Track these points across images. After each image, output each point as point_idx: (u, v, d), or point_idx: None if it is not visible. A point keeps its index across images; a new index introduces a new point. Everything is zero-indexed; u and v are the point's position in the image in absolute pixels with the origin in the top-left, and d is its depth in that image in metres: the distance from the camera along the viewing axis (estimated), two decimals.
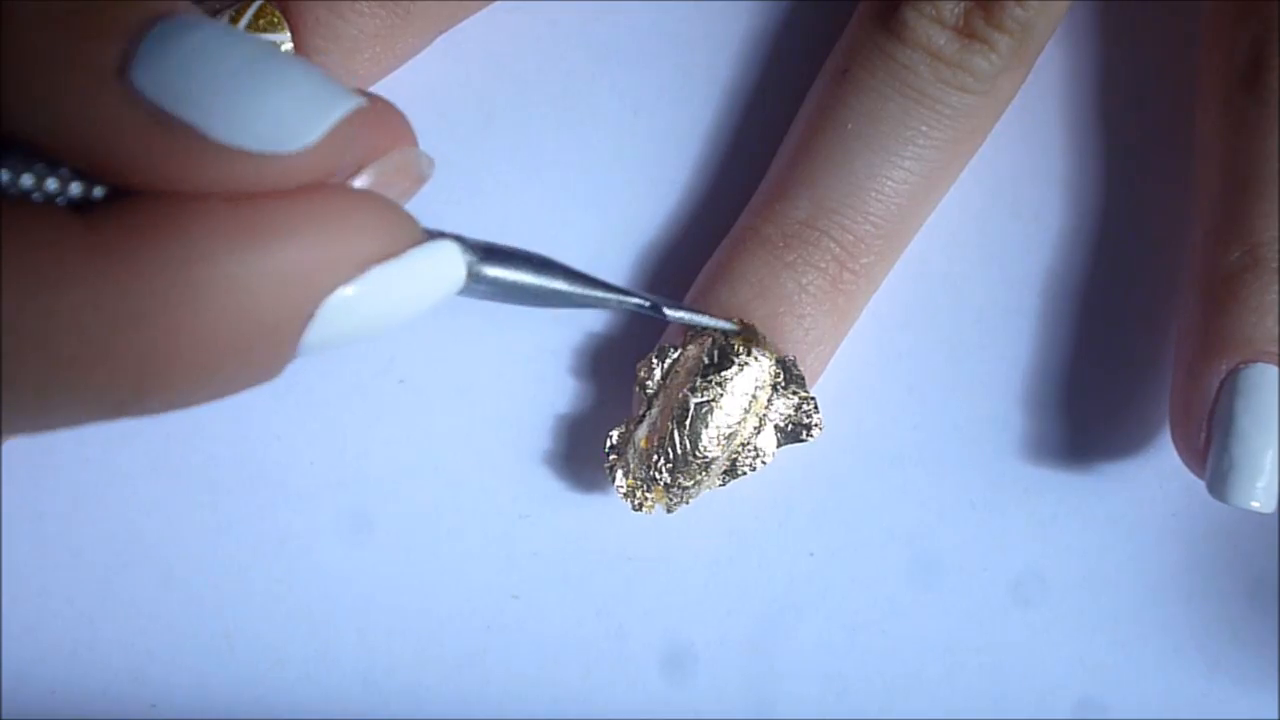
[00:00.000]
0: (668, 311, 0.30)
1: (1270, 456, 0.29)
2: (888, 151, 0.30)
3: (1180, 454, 0.31)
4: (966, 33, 0.30)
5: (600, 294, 0.27)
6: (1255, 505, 0.29)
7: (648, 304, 0.29)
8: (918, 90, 0.30)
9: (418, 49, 0.31)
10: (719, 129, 0.34)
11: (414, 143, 0.23)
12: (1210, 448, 0.30)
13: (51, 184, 0.20)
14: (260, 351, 0.21)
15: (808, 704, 0.34)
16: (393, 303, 0.22)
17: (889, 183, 0.30)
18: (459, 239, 0.24)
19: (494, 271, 0.25)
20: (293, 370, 0.32)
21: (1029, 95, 0.33)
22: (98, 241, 0.19)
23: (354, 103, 0.21)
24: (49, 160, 0.20)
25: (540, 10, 0.33)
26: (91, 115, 0.19)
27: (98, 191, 0.20)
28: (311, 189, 0.21)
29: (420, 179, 0.24)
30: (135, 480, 0.32)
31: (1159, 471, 0.34)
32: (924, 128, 0.30)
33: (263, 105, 0.20)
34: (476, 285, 0.24)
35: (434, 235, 0.24)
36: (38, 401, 0.20)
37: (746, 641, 0.34)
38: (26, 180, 0.20)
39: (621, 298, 0.28)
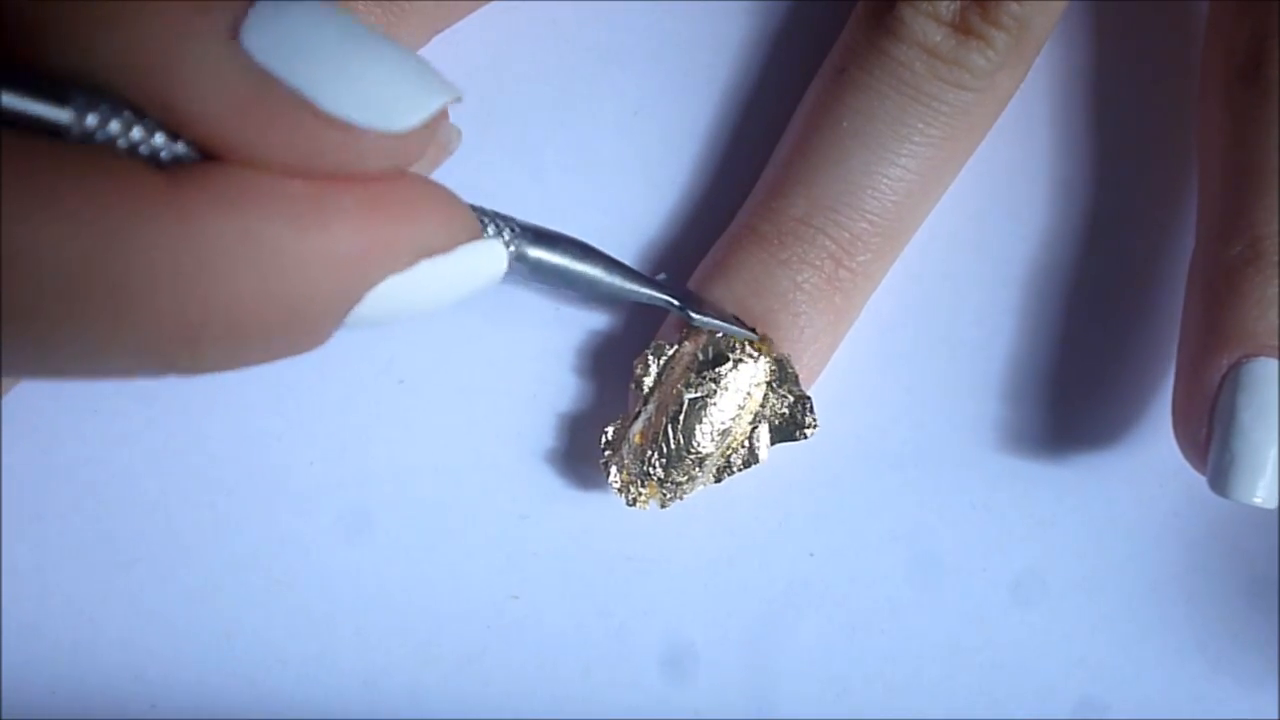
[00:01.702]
0: (694, 316, 0.30)
1: (1272, 452, 0.29)
2: (884, 149, 0.30)
3: (1181, 449, 0.31)
4: (963, 30, 0.30)
5: (634, 286, 0.28)
6: (1257, 500, 0.29)
7: (677, 303, 0.30)
8: (914, 87, 0.30)
9: (414, 47, 0.31)
10: (719, 129, 0.34)
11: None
12: (1211, 443, 0.30)
13: (137, 134, 0.20)
14: (309, 324, 0.21)
15: (808, 704, 0.34)
16: (435, 291, 0.22)
17: (885, 180, 0.30)
18: (507, 220, 0.25)
19: (537, 254, 0.25)
20: (293, 370, 0.32)
21: (1027, 94, 0.33)
22: (175, 197, 0.19)
23: (454, 92, 0.21)
24: (135, 113, 0.20)
25: (540, 10, 0.33)
26: (199, 75, 0.19)
27: (179, 149, 0.20)
28: (383, 175, 0.21)
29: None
30: (135, 480, 0.32)
31: (1159, 471, 0.34)
32: (920, 125, 0.30)
33: (372, 81, 0.20)
34: (519, 266, 0.25)
35: (484, 215, 0.24)
36: (99, 341, 0.20)
37: (746, 641, 0.34)
38: (114, 126, 0.20)
39: (653, 292, 0.29)
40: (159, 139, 0.20)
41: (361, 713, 0.33)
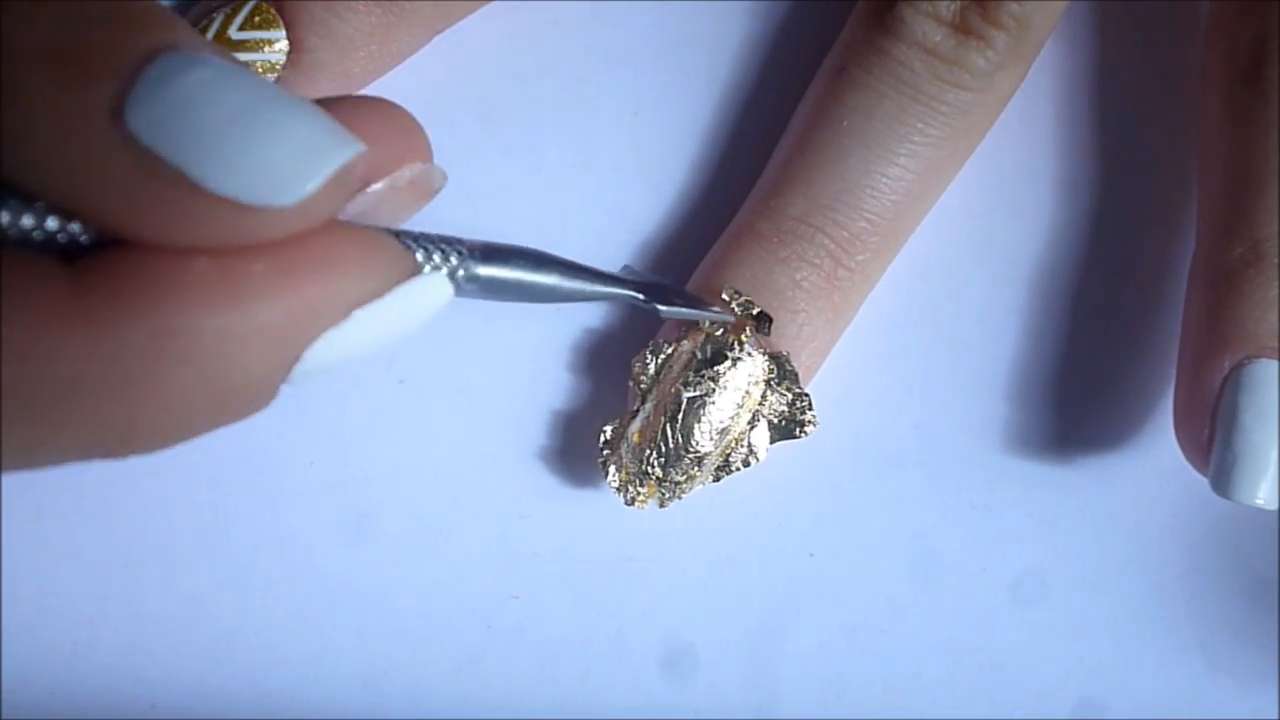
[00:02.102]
0: (661, 309, 0.29)
1: (1273, 453, 0.29)
2: (883, 148, 0.30)
3: (1183, 450, 0.31)
4: (963, 29, 0.30)
5: (597, 288, 0.27)
6: (1259, 502, 0.29)
7: (642, 298, 0.29)
8: (913, 87, 0.30)
9: (415, 48, 0.31)
10: (718, 129, 0.34)
11: (429, 157, 0.23)
12: (1213, 444, 0.30)
13: (52, 223, 0.20)
14: (245, 396, 0.21)
15: (808, 704, 0.34)
16: (378, 334, 0.22)
17: (884, 180, 0.30)
18: (452, 241, 0.24)
19: (489, 271, 0.24)
20: None
21: (1028, 94, 0.33)
22: (83, 304, 0.19)
23: (353, 150, 0.20)
24: (40, 206, 0.20)
25: (540, 10, 0.33)
26: (84, 158, 0.19)
27: (84, 238, 0.20)
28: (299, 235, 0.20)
29: (432, 192, 0.23)
30: (135, 480, 0.32)
31: (1160, 471, 0.34)
32: (920, 124, 0.30)
33: (257, 155, 0.19)
34: (471, 286, 0.24)
35: (424, 242, 0.23)
36: (27, 448, 0.20)
37: (746, 641, 0.34)
38: (25, 224, 0.19)
39: (616, 290, 0.28)
40: (75, 226, 0.20)
41: (361, 713, 0.33)
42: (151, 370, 0.19)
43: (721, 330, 0.30)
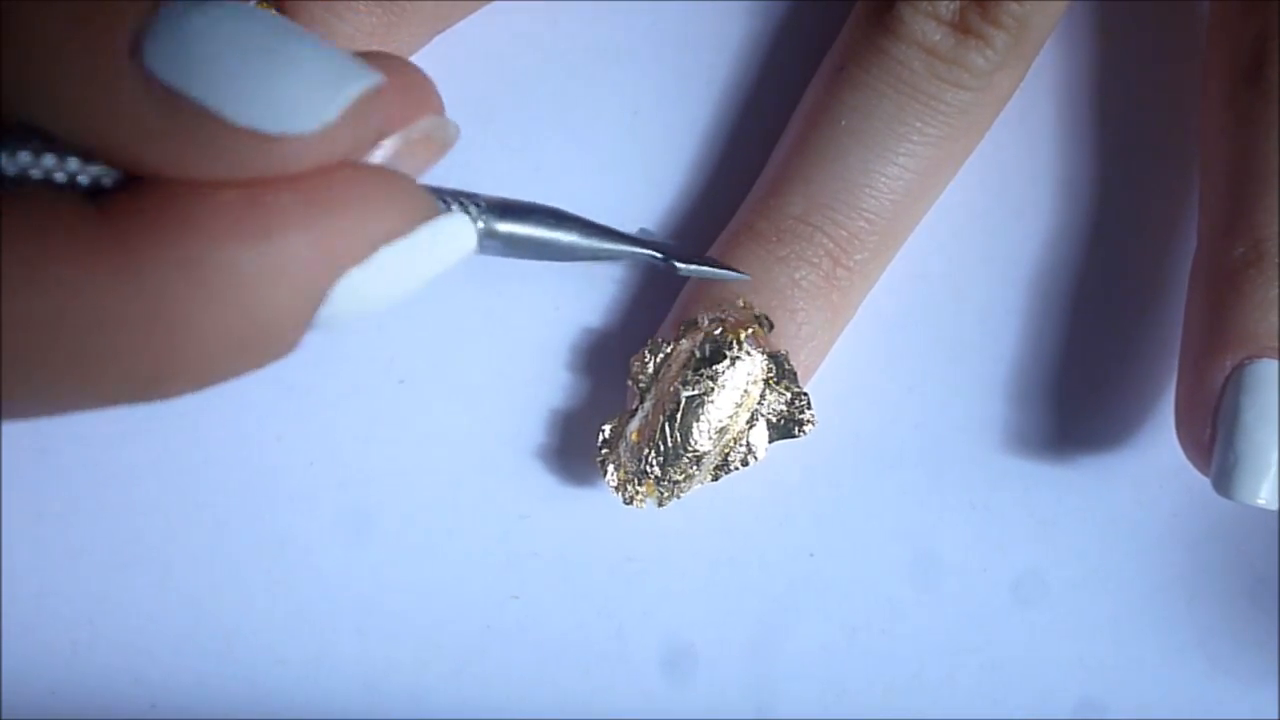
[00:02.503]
0: (679, 266, 0.30)
1: (1275, 453, 0.29)
2: (882, 148, 0.30)
3: (1185, 450, 0.31)
4: (962, 29, 0.30)
5: (614, 245, 0.27)
6: (1261, 501, 0.29)
7: (660, 256, 0.29)
8: (912, 86, 0.30)
9: (414, 48, 0.31)
10: (718, 129, 0.34)
11: (441, 110, 0.23)
12: (1215, 444, 0.30)
13: (73, 164, 0.20)
14: (273, 335, 0.21)
15: (808, 704, 0.34)
16: (403, 277, 0.22)
17: (883, 179, 0.30)
18: (472, 197, 0.24)
19: (508, 227, 0.25)
20: (293, 370, 0.32)
21: (1028, 94, 0.33)
22: (110, 238, 0.19)
23: (370, 80, 0.20)
24: (62, 147, 0.20)
25: (540, 10, 0.33)
26: (104, 98, 0.19)
27: (107, 180, 0.20)
28: (322, 170, 0.21)
29: (445, 146, 0.23)
30: (135, 480, 0.32)
31: (1160, 471, 0.34)
32: (919, 124, 0.30)
33: (276, 84, 0.19)
34: (491, 242, 0.24)
35: (445, 195, 0.24)
36: (58, 389, 0.20)
37: (746, 642, 0.34)
38: (47, 163, 0.20)
39: (634, 249, 0.28)
40: (96, 167, 0.20)
41: (361, 713, 0.33)
42: (180, 304, 0.19)
43: (720, 329, 0.30)
